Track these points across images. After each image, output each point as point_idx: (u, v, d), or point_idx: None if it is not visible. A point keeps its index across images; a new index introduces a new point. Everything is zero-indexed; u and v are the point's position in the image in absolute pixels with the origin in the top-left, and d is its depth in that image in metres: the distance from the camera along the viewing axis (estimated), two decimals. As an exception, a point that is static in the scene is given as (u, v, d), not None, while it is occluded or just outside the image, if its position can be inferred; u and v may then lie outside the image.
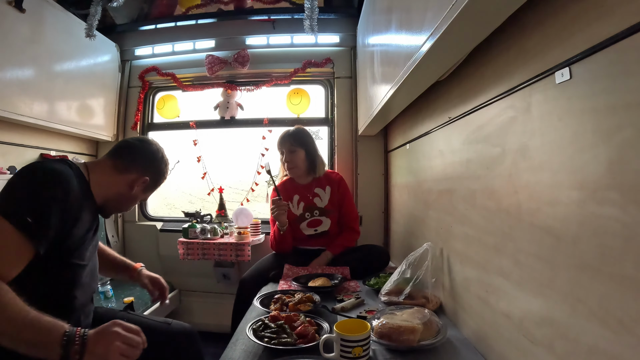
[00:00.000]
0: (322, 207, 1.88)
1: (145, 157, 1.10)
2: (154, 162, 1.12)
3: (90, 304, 1.06)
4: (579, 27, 0.62)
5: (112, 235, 2.41)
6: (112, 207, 1.09)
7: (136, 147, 1.10)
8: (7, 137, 1.87)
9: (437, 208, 1.36)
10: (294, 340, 0.95)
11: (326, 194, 1.89)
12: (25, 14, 1.72)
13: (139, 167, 1.08)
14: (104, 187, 1.03)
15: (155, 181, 1.14)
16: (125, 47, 2.59)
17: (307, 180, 1.91)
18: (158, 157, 1.13)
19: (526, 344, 0.76)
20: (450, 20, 0.71)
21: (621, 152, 0.53)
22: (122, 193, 1.07)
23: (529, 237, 0.76)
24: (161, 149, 1.16)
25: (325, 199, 1.88)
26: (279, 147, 1.88)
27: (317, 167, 1.88)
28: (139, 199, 1.14)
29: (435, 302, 1.23)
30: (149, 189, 1.14)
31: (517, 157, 0.81)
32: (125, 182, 1.06)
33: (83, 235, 0.95)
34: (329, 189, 1.89)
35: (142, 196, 1.14)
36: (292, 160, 1.82)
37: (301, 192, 1.89)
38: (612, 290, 0.54)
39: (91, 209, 1.00)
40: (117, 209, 1.12)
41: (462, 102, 1.12)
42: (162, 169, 1.15)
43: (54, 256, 0.88)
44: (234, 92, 2.51)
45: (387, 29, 1.32)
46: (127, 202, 1.11)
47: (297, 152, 1.83)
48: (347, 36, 2.43)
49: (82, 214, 0.93)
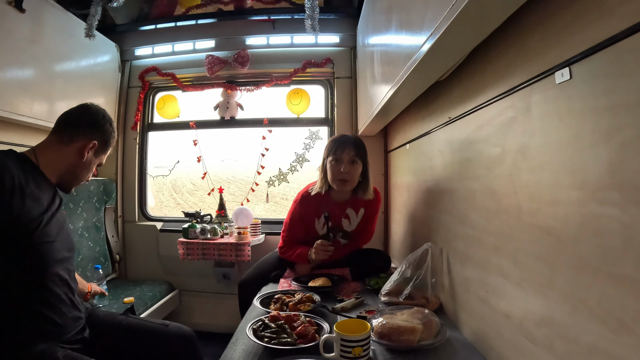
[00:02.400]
0: (348, 231, 1.70)
1: (87, 122, 1.10)
2: (96, 124, 1.12)
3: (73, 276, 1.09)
4: (579, 27, 0.62)
5: (112, 235, 2.41)
6: (70, 180, 1.10)
7: (75, 115, 1.11)
8: (7, 137, 1.87)
9: (437, 208, 1.36)
10: (294, 340, 0.95)
11: (358, 217, 1.68)
12: (25, 14, 1.71)
13: (84, 132, 1.09)
14: (54, 163, 1.05)
15: (105, 142, 1.14)
16: (125, 47, 2.59)
17: (344, 197, 1.66)
18: (99, 118, 1.13)
19: (526, 344, 0.76)
20: (450, 20, 0.71)
21: (621, 152, 0.53)
22: (74, 163, 1.08)
23: (529, 237, 0.76)
24: (101, 110, 1.16)
25: (355, 222, 1.69)
26: (335, 151, 1.55)
27: (367, 187, 1.61)
28: (94, 165, 1.14)
29: (435, 302, 1.23)
30: (101, 152, 1.14)
31: (517, 157, 0.81)
32: (74, 151, 1.07)
33: (41, 214, 0.97)
34: (363, 211, 1.68)
35: (95, 161, 1.14)
36: (351, 172, 1.55)
37: (332, 209, 1.65)
38: (612, 290, 0.54)
39: (46, 190, 1.02)
40: (75, 180, 1.12)
41: (462, 102, 1.12)
42: (108, 129, 1.14)
43: (13, 236, 0.91)
44: (234, 92, 2.51)
45: (387, 29, 1.32)
46: (82, 170, 1.11)
47: (358, 164, 1.56)
48: (347, 36, 2.43)
49: (32, 194, 0.96)
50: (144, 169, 2.61)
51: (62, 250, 1.03)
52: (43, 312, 0.95)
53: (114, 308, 1.78)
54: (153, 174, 2.68)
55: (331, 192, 1.64)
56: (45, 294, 0.97)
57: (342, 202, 1.67)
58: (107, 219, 2.39)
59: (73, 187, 1.13)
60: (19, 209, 0.92)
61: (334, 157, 1.56)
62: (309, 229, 1.68)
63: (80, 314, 1.07)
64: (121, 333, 1.14)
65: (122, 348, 1.12)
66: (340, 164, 1.54)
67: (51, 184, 1.05)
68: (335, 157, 1.55)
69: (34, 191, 0.97)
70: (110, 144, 1.17)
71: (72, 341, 1.01)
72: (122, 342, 1.13)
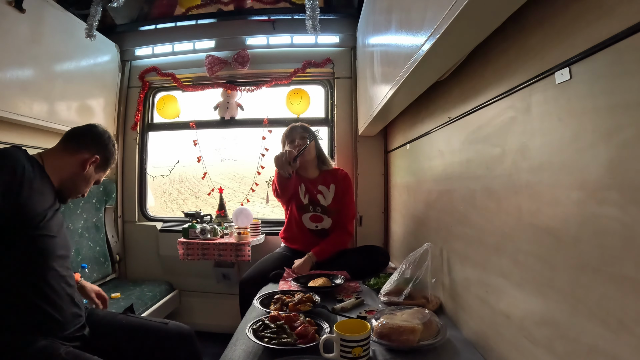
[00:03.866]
0: (324, 205, 1.88)
1: (93, 138, 1.18)
2: (101, 142, 1.19)
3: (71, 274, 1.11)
4: (579, 27, 0.62)
5: (112, 235, 2.41)
6: (69, 188, 1.14)
7: (84, 130, 1.19)
8: (7, 137, 1.87)
9: (437, 208, 1.36)
10: (294, 340, 0.95)
11: (330, 192, 1.89)
12: (25, 14, 1.71)
13: (89, 147, 1.16)
14: (58, 169, 1.10)
15: (106, 160, 1.21)
16: (125, 47, 2.59)
17: (314, 174, 1.92)
18: (105, 137, 1.21)
19: (526, 344, 0.76)
20: (450, 20, 0.71)
21: (621, 152, 0.53)
22: (75, 172, 1.13)
23: (529, 237, 0.76)
24: (107, 131, 1.24)
25: (329, 197, 1.88)
26: (287, 137, 1.89)
27: (325, 159, 1.93)
28: (93, 179, 1.20)
29: (435, 302, 1.23)
30: (101, 168, 1.21)
31: (517, 157, 0.81)
32: (77, 162, 1.13)
33: (45, 209, 1.01)
34: (334, 187, 1.89)
35: (95, 176, 1.20)
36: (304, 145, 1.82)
37: (307, 184, 1.90)
38: (612, 290, 0.54)
39: (50, 189, 1.07)
40: (73, 191, 1.16)
41: (462, 102, 1.12)
42: (111, 149, 1.23)
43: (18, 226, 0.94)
44: (234, 92, 2.51)
45: (387, 29, 1.32)
46: (82, 182, 1.16)
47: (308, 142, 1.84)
48: (347, 36, 2.43)
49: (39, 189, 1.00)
50: (144, 169, 2.61)
51: (61, 247, 1.06)
52: (42, 306, 0.96)
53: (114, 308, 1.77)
54: (153, 174, 2.68)
55: (300, 171, 1.91)
56: (45, 289, 0.98)
57: (313, 179, 1.92)
58: (107, 219, 2.39)
59: (70, 198, 1.17)
60: (26, 199, 0.95)
61: (288, 140, 1.89)
62: (296, 200, 1.90)
63: (80, 311, 1.08)
64: (121, 332, 1.14)
65: (122, 346, 1.13)
66: (294, 142, 1.86)
67: (53, 187, 1.09)
68: (289, 140, 1.89)
69: (40, 186, 1.01)
70: (110, 164, 1.24)
71: (71, 338, 1.02)
72: (121, 340, 1.13)
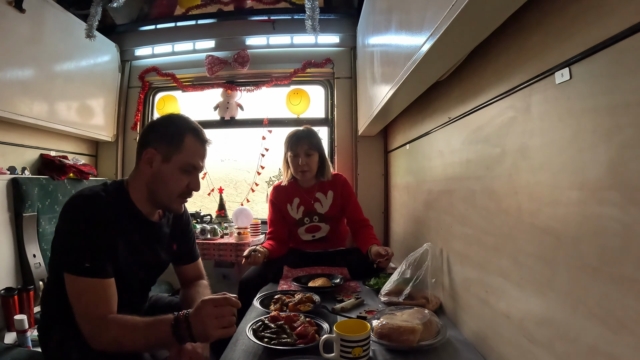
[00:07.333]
0: (322, 213, 1.82)
1: (149, 132, 1.06)
2: (157, 129, 1.05)
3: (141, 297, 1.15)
4: (579, 27, 0.62)
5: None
6: (157, 198, 1.04)
7: (144, 130, 1.08)
8: (7, 137, 1.87)
9: (437, 208, 1.36)
10: (293, 340, 0.95)
11: (327, 199, 1.82)
12: (25, 14, 1.72)
13: (148, 143, 1.03)
14: (139, 185, 1.04)
15: (169, 143, 1.01)
16: (125, 48, 2.59)
17: (311, 183, 1.83)
18: (158, 122, 1.08)
19: (526, 344, 0.76)
20: (450, 20, 0.71)
21: (621, 152, 0.53)
22: (148, 175, 1.02)
23: (529, 237, 0.76)
24: (166, 116, 1.10)
25: (326, 204, 1.82)
26: (291, 147, 1.75)
27: (325, 171, 1.80)
28: (171, 174, 1.02)
29: (435, 302, 1.23)
30: (169, 156, 1.01)
31: (517, 157, 0.81)
32: (144, 163, 1.02)
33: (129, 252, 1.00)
34: (332, 194, 1.82)
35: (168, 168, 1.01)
36: (309, 164, 1.74)
37: (302, 195, 1.82)
38: (612, 290, 0.54)
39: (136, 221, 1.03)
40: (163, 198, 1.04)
41: (462, 102, 1.12)
42: (168, 131, 1.03)
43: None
44: (234, 92, 2.52)
45: (387, 29, 1.32)
46: (160, 183, 1.02)
47: (313, 155, 1.75)
48: (347, 36, 2.43)
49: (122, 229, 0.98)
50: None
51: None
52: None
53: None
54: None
55: (298, 181, 1.84)
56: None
57: (310, 187, 1.84)
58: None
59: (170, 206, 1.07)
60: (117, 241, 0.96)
61: (292, 152, 1.76)
62: (286, 216, 1.83)
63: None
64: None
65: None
66: (298, 157, 1.73)
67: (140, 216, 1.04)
68: (293, 153, 1.75)
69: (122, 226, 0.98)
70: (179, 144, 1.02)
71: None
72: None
